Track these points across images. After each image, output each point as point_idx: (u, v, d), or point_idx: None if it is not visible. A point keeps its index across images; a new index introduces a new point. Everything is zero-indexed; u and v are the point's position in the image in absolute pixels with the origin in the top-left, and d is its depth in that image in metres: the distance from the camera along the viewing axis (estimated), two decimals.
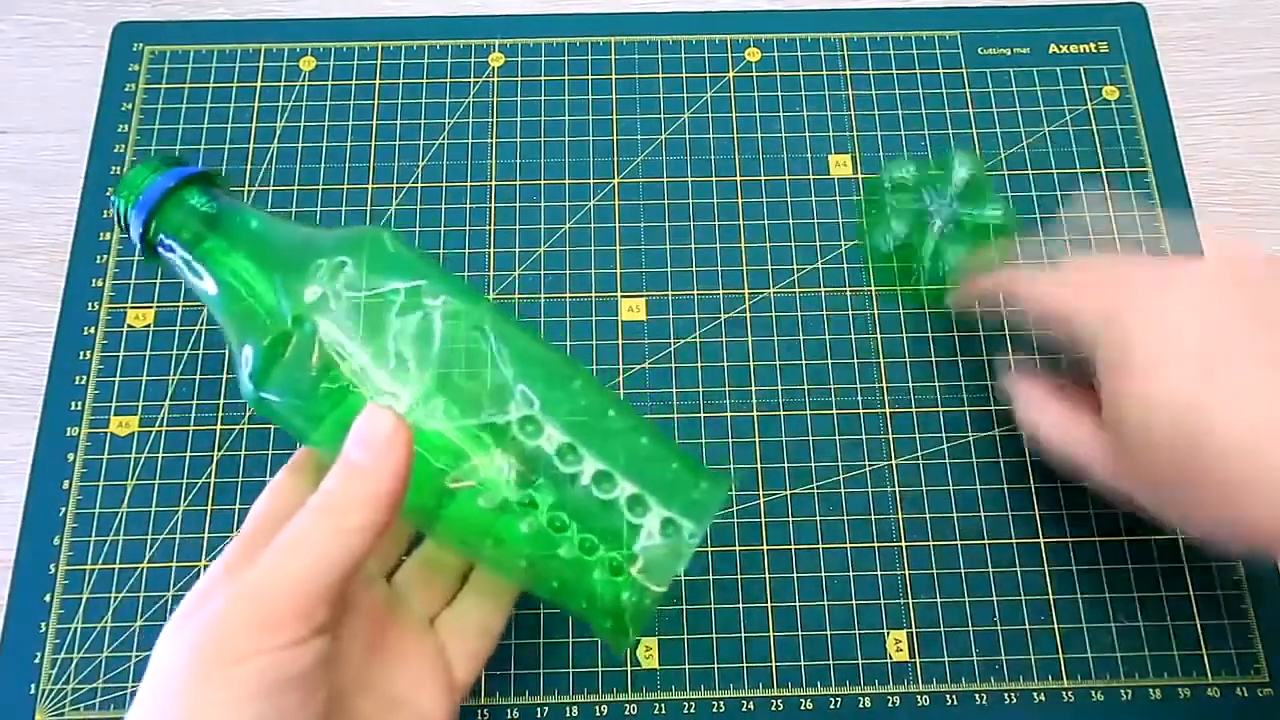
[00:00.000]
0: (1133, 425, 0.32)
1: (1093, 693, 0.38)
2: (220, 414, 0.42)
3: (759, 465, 0.41)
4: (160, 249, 0.32)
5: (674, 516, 0.29)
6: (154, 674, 0.26)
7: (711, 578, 0.39)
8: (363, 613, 0.30)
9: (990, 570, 0.40)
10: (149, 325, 0.43)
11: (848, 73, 0.48)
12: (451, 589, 0.33)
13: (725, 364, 0.43)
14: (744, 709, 0.38)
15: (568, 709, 0.38)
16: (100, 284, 0.44)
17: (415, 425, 0.28)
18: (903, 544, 0.40)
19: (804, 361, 0.43)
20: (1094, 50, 0.49)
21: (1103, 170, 0.46)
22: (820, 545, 0.40)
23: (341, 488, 0.27)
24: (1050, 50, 0.49)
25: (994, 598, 0.39)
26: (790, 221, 0.45)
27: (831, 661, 0.38)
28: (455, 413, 0.29)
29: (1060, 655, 0.38)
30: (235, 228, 0.32)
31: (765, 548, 0.40)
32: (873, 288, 0.44)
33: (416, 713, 0.30)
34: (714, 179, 0.46)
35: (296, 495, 0.30)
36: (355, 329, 0.29)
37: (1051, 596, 0.39)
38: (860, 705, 0.38)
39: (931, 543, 0.40)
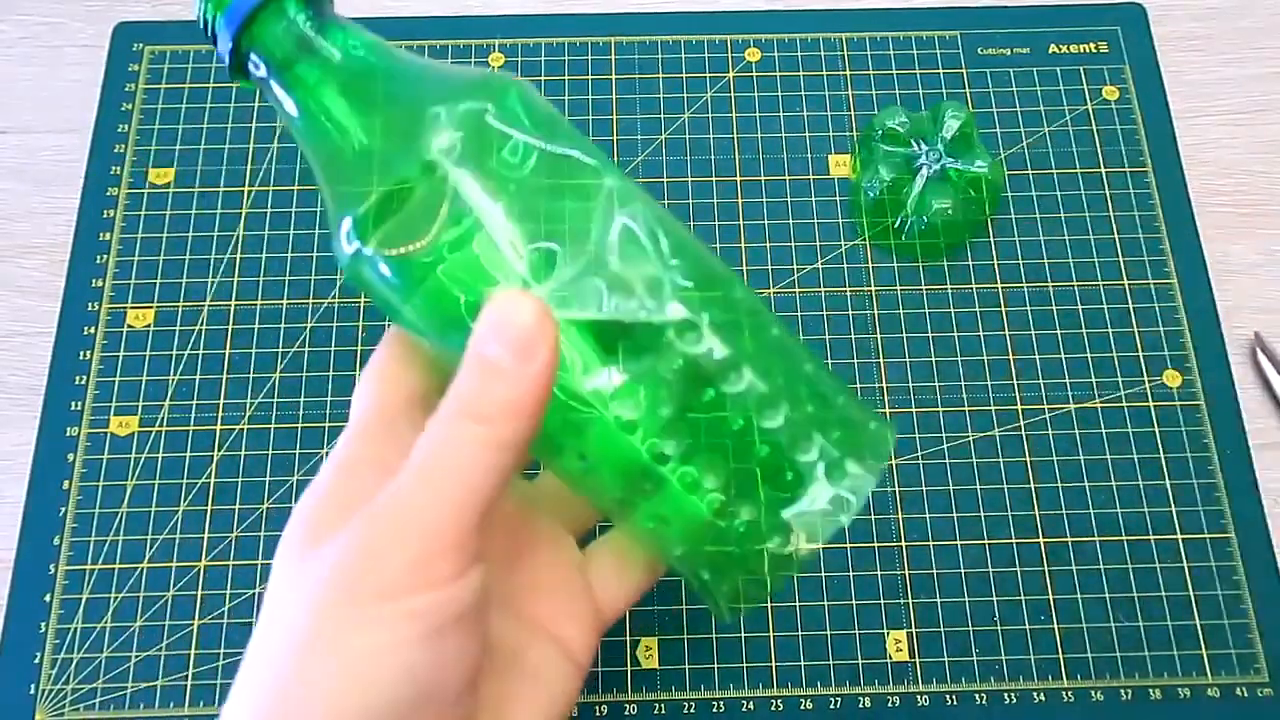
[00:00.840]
0: None
1: (1092, 693, 0.38)
2: (220, 414, 0.42)
3: None
4: (251, 70, 0.26)
5: (845, 459, 0.24)
6: (272, 617, 0.22)
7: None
8: (497, 523, 0.26)
9: (990, 570, 0.40)
10: (149, 325, 0.43)
11: (848, 73, 0.48)
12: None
13: None
14: (744, 709, 0.38)
15: None
16: (100, 284, 0.44)
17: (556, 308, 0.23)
18: (903, 544, 0.40)
19: None
20: (1094, 50, 0.49)
21: (1103, 170, 0.46)
22: (820, 545, 0.40)
23: (482, 392, 0.22)
24: (1050, 50, 0.49)
25: (994, 598, 0.39)
26: (790, 221, 0.45)
27: (831, 661, 0.38)
28: (600, 306, 0.24)
29: (1060, 655, 0.38)
30: (344, 53, 0.26)
31: None
32: (865, 240, 0.44)
33: (556, 639, 0.27)
34: (714, 179, 0.46)
35: (404, 386, 0.26)
36: (494, 189, 0.24)
37: (1051, 596, 0.39)
38: (860, 705, 0.38)
39: (931, 543, 0.40)
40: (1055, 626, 0.39)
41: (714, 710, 0.38)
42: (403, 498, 0.22)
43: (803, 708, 0.38)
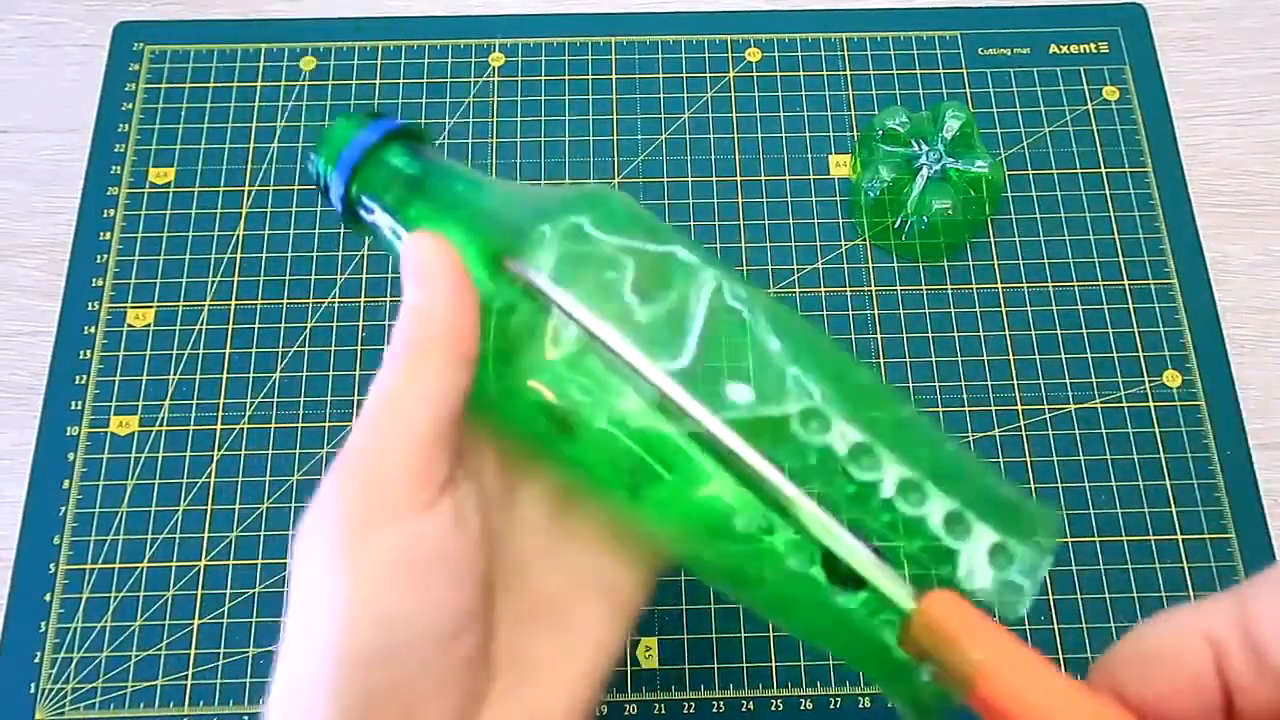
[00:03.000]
0: None
1: None
2: (220, 414, 0.42)
3: None
4: (363, 211, 0.28)
5: (1006, 541, 0.22)
6: (293, 577, 0.23)
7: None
8: (541, 476, 0.27)
9: None
10: (149, 325, 0.43)
11: (848, 73, 0.48)
12: None
13: None
14: (744, 709, 0.38)
15: None
16: (100, 284, 0.44)
17: (670, 420, 0.23)
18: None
19: None
20: (1094, 50, 0.49)
21: (1103, 170, 0.46)
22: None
23: (408, 333, 0.24)
24: (1050, 50, 0.49)
25: None
26: (790, 221, 0.45)
27: (831, 661, 0.38)
28: (719, 405, 0.23)
29: (1060, 655, 0.38)
30: (441, 190, 0.27)
31: None
32: (865, 240, 0.44)
33: (605, 584, 0.26)
34: (714, 179, 0.46)
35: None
36: (593, 298, 0.24)
37: (1051, 596, 0.39)
38: (860, 705, 0.38)
39: None
40: (1055, 626, 0.39)
41: (714, 710, 0.38)
42: (355, 440, 0.23)
43: (803, 708, 0.38)
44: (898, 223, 0.44)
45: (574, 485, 0.27)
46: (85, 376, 0.42)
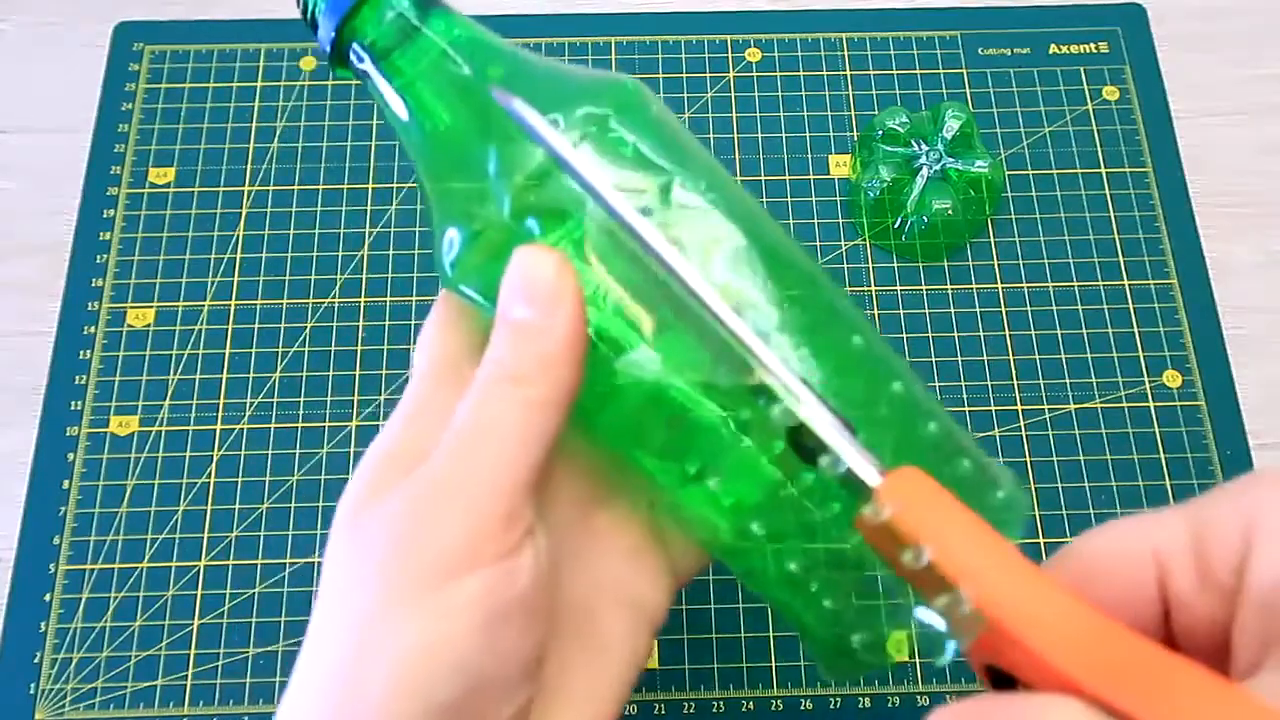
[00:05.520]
0: None
1: None
2: (220, 414, 0.42)
3: None
4: (353, 61, 0.25)
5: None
6: (330, 591, 0.21)
7: (711, 578, 0.39)
8: (567, 478, 0.26)
9: None
10: (149, 325, 0.43)
11: (848, 73, 0.48)
12: None
13: None
14: (744, 709, 0.38)
15: None
16: (100, 284, 0.44)
17: (668, 366, 0.22)
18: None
19: None
20: (1094, 50, 0.49)
21: (1103, 170, 0.46)
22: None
23: (515, 353, 0.22)
24: (1050, 50, 0.49)
25: None
26: (790, 221, 0.45)
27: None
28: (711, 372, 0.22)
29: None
30: (451, 43, 0.24)
31: None
32: (865, 240, 0.44)
33: (630, 596, 0.25)
34: None
35: (467, 332, 0.25)
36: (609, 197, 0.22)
37: None
38: (860, 705, 0.38)
39: None
40: None
41: (714, 710, 0.38)
42: (446, 467, 0.21)
43: (803, 708, 0.38)
44: (898, 223, 0.44)
45: (607, 458, 0.25)
46: (85, 376, 0.42)
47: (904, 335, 0.43)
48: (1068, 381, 0.42)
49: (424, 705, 0.20)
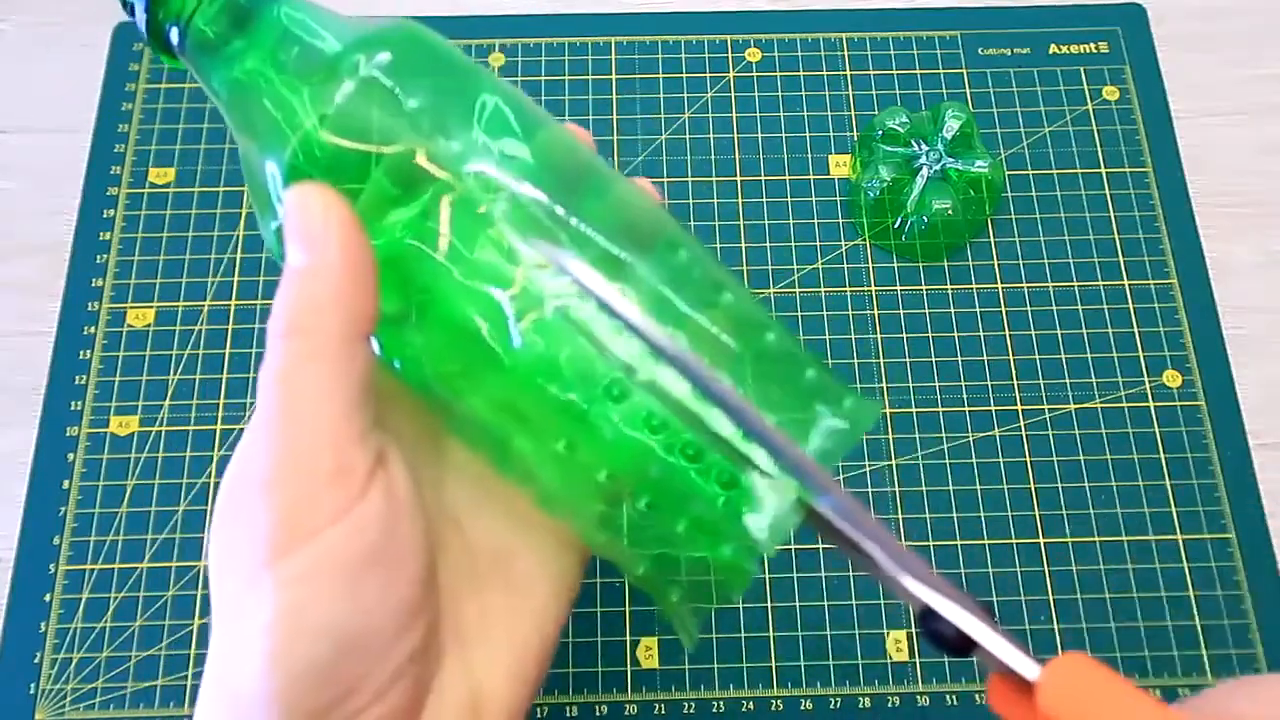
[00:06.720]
0: None
1: None
2: (220, 414, 0.42)
3: None
4: (171, 41, 0.24)
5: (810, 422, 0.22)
6: (216, 605, 0.21)
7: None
8: (421, 412, 0.25)
9: (990, 570, 0.40)
10: (149, 325, 0.43)
11: (848, 73, 0.48)
12: None
13: None
14: (744, 709, 0.38)
15: (567, 709, 0.38)
16: (100, 284, 0.44)
17: (468, 257, 0.22)
18: (903, 544, 0.40)
19: None
20: (1094, 50, 0.49)
21: (1103, 170, 0.46)
22: (820, 545, 0.40)
23: (291, 303, 0.21)
24: (1050, 50, 0.49)
25: (994, 598, 0.39)
26: (790, 221, 0.45)
27: (831, 661, 0.38)
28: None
29: (1060, 655, 0.38)
30: (258, 21, 0.24)
31: None
32: (865, 240, 0.44)
33: (536, 563, 0.24)
34: (714, 179, 0.46)
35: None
36: (403, 132, 0.22)
37: (1051, 596, 0.39)
38: (860, 705, 0.38)
39: (932, 543, 0.40)
40: (1055, 626, 0.39)
41: (714, 710, 0.38)
42: (252, 442, 0.21)
43: (803, 708, 0.38)
44: (898, 223, 0.44)
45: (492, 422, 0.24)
46: (85, 376, 0.42)
47: (904, 335, 0.43)
48: (1068, 381, 0.42)
49: (300, 670, 0.19)
